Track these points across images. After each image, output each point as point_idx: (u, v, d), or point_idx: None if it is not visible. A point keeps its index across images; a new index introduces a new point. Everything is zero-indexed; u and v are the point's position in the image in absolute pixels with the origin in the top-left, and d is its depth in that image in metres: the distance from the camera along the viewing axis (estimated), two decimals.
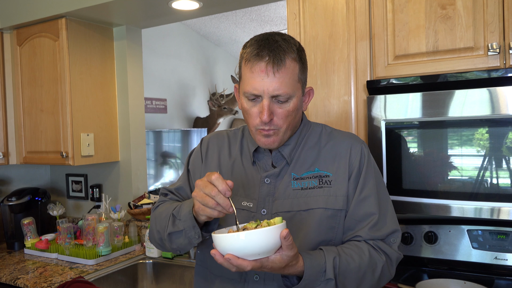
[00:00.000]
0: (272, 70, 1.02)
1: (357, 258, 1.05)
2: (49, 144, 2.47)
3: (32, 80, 2.52)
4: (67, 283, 1.82)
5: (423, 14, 1.51)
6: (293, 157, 1.16)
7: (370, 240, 1.10)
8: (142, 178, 2.76)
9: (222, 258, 0.90)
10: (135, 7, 2.33)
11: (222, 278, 1.15)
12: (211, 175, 0.96)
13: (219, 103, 4.90)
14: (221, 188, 0.94)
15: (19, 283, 2.03)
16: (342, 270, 1.02)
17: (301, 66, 1.08)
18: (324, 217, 1.10)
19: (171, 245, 1.13)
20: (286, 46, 1.05)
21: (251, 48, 1.06)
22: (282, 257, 0.92)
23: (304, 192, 1.12)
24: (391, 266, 1.12)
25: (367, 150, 1.18)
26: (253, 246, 0.88)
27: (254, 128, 1.10)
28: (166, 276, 2.27)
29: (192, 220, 1.04)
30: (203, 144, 1.29)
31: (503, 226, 1.58)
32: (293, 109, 1.08)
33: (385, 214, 1.13)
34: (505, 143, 1.36)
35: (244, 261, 0.89)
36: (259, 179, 1.16)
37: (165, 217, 1.13)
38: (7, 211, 2.58)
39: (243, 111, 1.12)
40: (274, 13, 4.33)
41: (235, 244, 0.88)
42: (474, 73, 1.41)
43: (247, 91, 1.06)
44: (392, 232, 1.13)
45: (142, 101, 2.78)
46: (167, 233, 1.10)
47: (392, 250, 1.12)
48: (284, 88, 1.04)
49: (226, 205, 0.95)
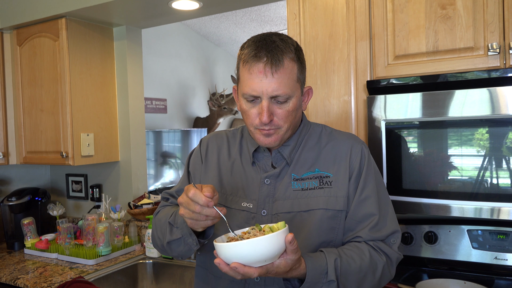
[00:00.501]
0: (271, 71, 1.02)
1: (357, 259, 1.05)
2: (49, 144, 2.47)
3: (32, 80, 2.52)
4: (67, 283, 1.82)
5: (423, 14, 1.51)
6: (293, 158, 1.15)
7: (371, 241, 1.10)
8: (142, 178, 2.76)
9: (227, 267, 0.89)
10: (135, 7, 2.33)
11: (223, 280, 1.14)
12: (188, 192, 0.94)
13: (219, 103, 4.90)
14: (202, 203, 0.93)
15: (19, 283, 2.03)
16: (343, 271, 1.02)
17: (299, 66, 1.08)
18: (324, 218, 1.10)
19: (172, 253, 1.14)
20: (284, 46, 1.04)
21: (248, 49, 1.05)
22: (286, 262, 0.92)
23: (304, 192, 1.12)
24: (391, 267, 1.13)
25: (367, 150, 1.18)
26: (259, 253, 0.86)
27: (253, 127, 1.09)
28: (166, 276, 2.27)
29: (187, 228, 1.04)
30: (202, 144, 1.28)
31: (503, 226, 1.58)
32: (292, 109, 1.07)
33: (385, 214, 1.14)
34: (505, 143, 1.36)
35: (250, 269, 0.88)
36: (259, 180, 1.15)
37: (163, 224, 1.14)
38: (7, 211, 2.58)
39: (242, 112, 1.12)
40: (274, 13, 4.33)
41: (240, 252, 0.86)
42: (474, 73, 1.41)
43: (246, 93, 1.05)
44: (392, 233, 1.13)
45: (142, 101, 2.78)
46: (166, 242, 1.11)
47: (392, 250, 1.12)
48: (283, 89, 1.03)
49: (214, 215, 0.95)
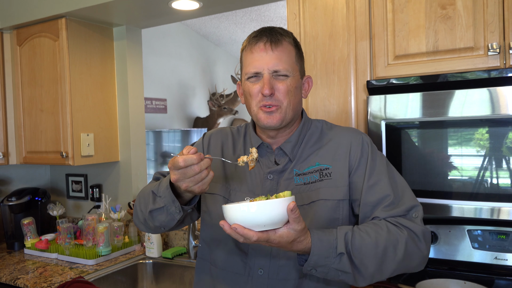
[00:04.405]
0: (271, 47, 1.10)
1: (373, 234, 1.00)
2: (49, 144, 2.47)
3: (32, 80, 2.52)
4: (67, 283, 1.81)
5: (423, 14, 1.51)
6: (295, 154, 1.17)
7: (390, 218, 1.05)
8: (142, 178, 2.76)
9: (230, 229, 0.90)
10: (135, 7, 2.33)
11: (225, 272, 1.15)
12: (177, 162, 0.94)
13: (219, 103, 4.90)
14: (196, 161, 0.94)
15: (19, 283, 2.03)
16: (356, 245, 0.97)
17: (297, 52, 1.15)
18: (325, 209, 1.10)
19: (154, 223, 1.12)
20: (283, 31, 1.15)
21: (249, 37, 1.14)
22: (289, 231, 0.91)
23: (306, 186, 1.13)
24: (419, 242, 1.03)
25: (368, 139, 1.17)
26: (259, 216, 0.88)
27: (257, 107, 1.12)
28: (166, 276, 2.27)
29: (171, 195, 1.03)
30: (205, 138, 1.31)
31: (503, 226, 1.58)
32: (292, 86, 1.12)
33: (401, 192, 1.10)
34: (505, 143, 1.36)
35: (250, 231, 0.89)
36: (262, 175, 1.17)
37: (146, 195, 1.13)
38: (7, 211, 2.58)
39: (246, 97, 1.15)
40: (274, 13, 4.33)
41: (241, 214, 0.89)
42: (474, 73, 1.41)
43: (249, 71, 1.12)
44: (412, 207, 1.07)
45: (142, 101, 2.78)
46: (148, 211, 1.10)
47: (415, 224, 1.04)
48: (283, 64, 1.10)
49: (210, 162, 0.96)
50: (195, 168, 0.94)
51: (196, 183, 0.96)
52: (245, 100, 1.18)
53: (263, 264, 1.11)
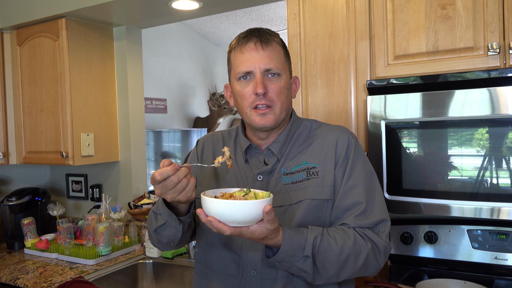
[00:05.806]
0: (261, 46, 1.11)
1: (340, 241, 1.04)
2: (49, 144, 2.47)
3: (32, 80, 2.52)
4: (67, 283, 1.82)
5: (423, 14, 1.51)
6: (283, 154, 1.18)
7: (358, 228, 1.09)
8: (142, 178, 2.76)
9: (205, 219, 0.94)
10: (135, 7, 2.33)
11: (220, 275, 1.17)
12: (155, 177, 0.96)
13: (219, 103, 4.90)
14: (172, 172, 0.95)
15: (19, 283, 2.03)
16: (322, 250, 1.02)
17: (285, 53, 1.18)
18: (310, 208, 1.11)
19: (162, 239, 1.17)
20: (270, 32, 1.16)
21: (237, 38, 1.16)
22: (262, 229, 0.95)
23: (294, 186, 1.14)
24: (379, 256, 1.09)
25: (354, 139, 1.18)
26: (234, 215, 0.92)
27: (249, 108, 1.13)
28: (166, 276, 2.27)
29: (166, 210, 1.08)
30: (198, 145, 1.33)
31: (503, 226, 1.58)
32: (284, 86, 1.13)
33: (373, 203, 1.12)
34: (505, 143, 1.36)
35: (224, 226, 0.93)
36: (252, 177, 1.18)
37: (150, 217, 1.19)
38: (7, 211, 2.58)
39: (236, 98, 1.16)
40: (274, 13, 4.33)
41: (217, 209, 0.92)
42: (474, 73, 1.41)
43: (240, 71, 1.12)
44: (380, 221, 1.11)
45: (142, 101, 2.78)
46: (153, 230, 1.15)
47: (380, 239, 1.09)
48: (274, 63, 1.11)
49: (188, 171, 0.98)
50: (172, 179, 0.96)
51: (179, 193, 0.99)
52: (235, 102, 1.19)
53: (256, 265, 1.13)
